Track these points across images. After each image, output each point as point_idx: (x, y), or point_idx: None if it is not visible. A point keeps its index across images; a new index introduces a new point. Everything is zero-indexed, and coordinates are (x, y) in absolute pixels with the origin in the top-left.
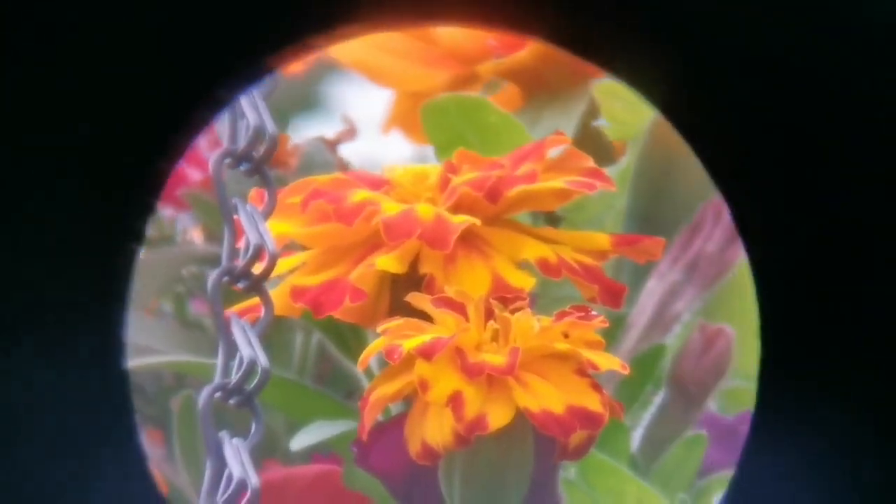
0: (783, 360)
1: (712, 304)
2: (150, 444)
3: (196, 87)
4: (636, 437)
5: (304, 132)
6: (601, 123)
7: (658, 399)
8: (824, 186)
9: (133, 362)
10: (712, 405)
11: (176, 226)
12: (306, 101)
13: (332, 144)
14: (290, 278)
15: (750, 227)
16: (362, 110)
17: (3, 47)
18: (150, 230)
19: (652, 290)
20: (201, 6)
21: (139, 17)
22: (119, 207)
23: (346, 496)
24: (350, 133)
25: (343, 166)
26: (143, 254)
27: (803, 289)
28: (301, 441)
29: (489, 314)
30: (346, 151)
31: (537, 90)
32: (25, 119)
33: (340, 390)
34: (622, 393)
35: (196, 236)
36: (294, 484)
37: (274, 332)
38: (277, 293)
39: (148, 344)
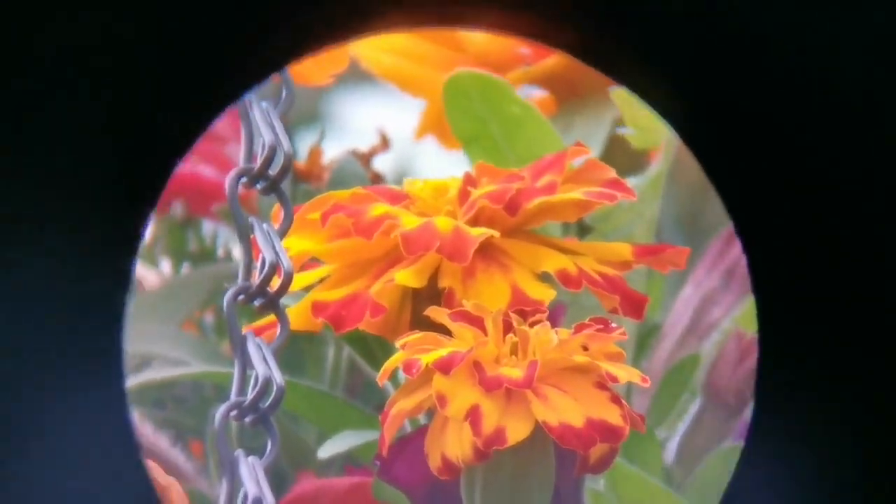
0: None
1: (750, 312)
2: (191, 455)
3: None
4: (672, 449)
5: (335, 145)
6: (625, 131)
7: (694, 409)
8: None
9: (168, 373)
10: (749, 415)
11: (216, 240)
12: (334, 112)
13: (365, 158)
14: (311, 293)
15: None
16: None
17: None
18: (192, 245)
19: (689, 298)
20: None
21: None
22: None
23: None
24: (383, 146)
25: (377, 179)
26: (184, 268)
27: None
28: (328, 450)
29: (508, 327)
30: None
31: (569, 97)
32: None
33: (371, 402)
34: (657, 403)
35: (236, 251)
36: (327, 495)
37: (306, 345)
38: (299, 308)
39: (185, 357)
